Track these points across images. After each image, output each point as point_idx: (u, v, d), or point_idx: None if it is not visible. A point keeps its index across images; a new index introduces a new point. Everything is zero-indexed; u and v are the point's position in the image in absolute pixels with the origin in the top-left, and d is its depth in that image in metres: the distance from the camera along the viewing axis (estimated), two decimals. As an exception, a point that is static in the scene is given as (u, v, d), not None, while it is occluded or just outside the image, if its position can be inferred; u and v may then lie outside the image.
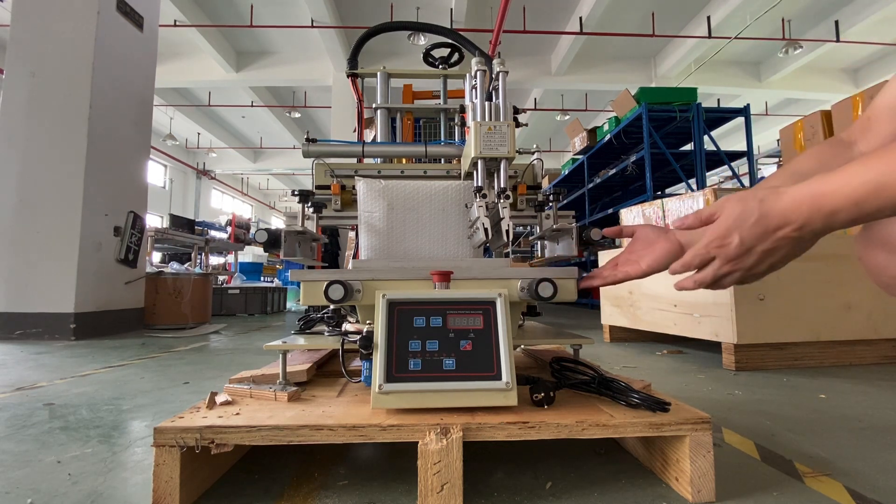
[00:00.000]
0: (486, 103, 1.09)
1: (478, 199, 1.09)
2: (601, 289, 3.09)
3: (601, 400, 0.93)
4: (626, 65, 9.87)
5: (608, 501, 0.80)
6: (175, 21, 7.78)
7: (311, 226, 1.33)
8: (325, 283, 0.89)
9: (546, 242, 1.41)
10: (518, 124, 1.27)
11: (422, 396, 0.81)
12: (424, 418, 0.79)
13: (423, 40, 8.03)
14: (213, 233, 8.16)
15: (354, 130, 2.09)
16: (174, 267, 4.87)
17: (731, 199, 0.62)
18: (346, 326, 1.23)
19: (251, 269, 8.83)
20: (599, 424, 0.80)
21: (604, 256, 3.09)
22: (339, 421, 0.79)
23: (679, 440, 0.81)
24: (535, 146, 1.51)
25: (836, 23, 8.21)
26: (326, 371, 1.24)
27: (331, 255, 4.06)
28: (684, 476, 0.80)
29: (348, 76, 1.73)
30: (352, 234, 2.29)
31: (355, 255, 1.55)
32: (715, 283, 0.68)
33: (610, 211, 6.13)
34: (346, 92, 9.04)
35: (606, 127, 5.98)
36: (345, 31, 8.56)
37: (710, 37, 8.04)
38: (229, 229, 8.44)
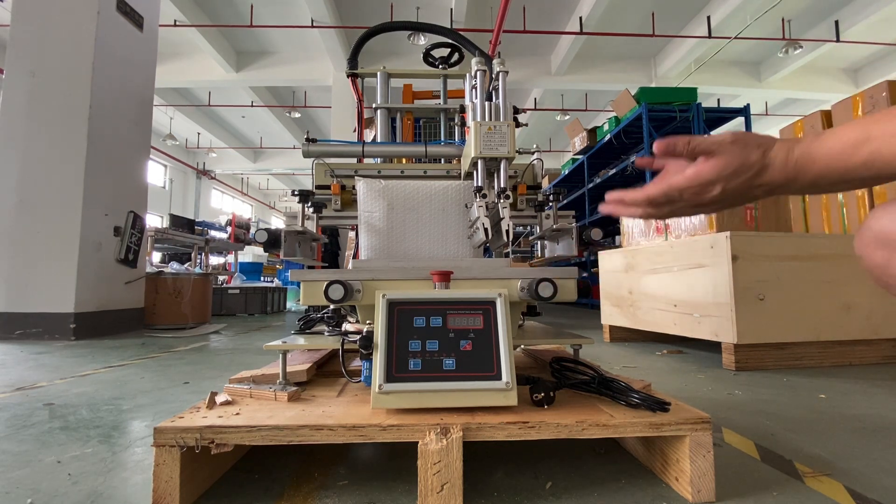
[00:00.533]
0: (486, 103, 1.09)
1: (478, 199, 1.09)
2: (601, 289, 3.08)
3: (601, 400, 0.93)
4: (626, 65, 9.86)
5: (608, 501, 0.80)
6: (175, 21, 7.78)
7: (311, 226, 1.33)
8: (325, 283, 0.89)
9: (546, 242, 1.41)
10: (518, 124, 1.27)
11: (422, 396, 0.81)
12: (424, 418, 0.79)
13: (423, 40, 8.03)
14: (213, 233, 8.16)
15: (354, 130, 2.09)
16: (174, 267, 4.87)
17: (737, 142, 0.54)
18: (346, 326, 1.23)
19: (251, 269, 8.83)
20: (599, 424, 0.80)
21: (604, 256, 3.09)
22: (339, 421, 0.79)
23: (679, 440, 0.81)
24: (535, 146, 1.51)
25: (836, 23, 8.21)
26: (326, 371, 1.24)
27: (331, 255, 4.06)
28: (684, 476, 0.80)
29: (348, 76, 1.73)
30: (352, 234, 2.29)
31: (355, 255, 1.55)
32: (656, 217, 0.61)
33: (610, 211, 6.12)
34: (346, 92, 9.04)
35: (606, 127, 5.98)
36: (345, 31, 8.56)
37: (710, 37, 8.04)
38: (229, 229, 8.44)
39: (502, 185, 1.06)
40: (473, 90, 1.17)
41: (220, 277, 6.69)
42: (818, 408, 1.40)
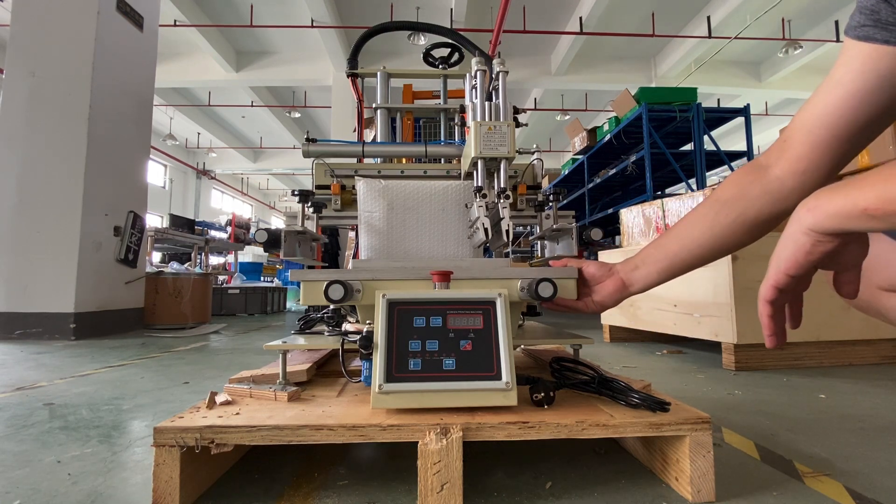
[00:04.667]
0: (486, 103, 1.09)
1: (478, 199, 1.09)
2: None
3: (601, 400, 0.93)
4: (626, 65, 9.87)
5: (608, 501, 0.80)
6: (175, 21, 7.78)
7: (311, 226, 1.33)
8: (325, 283, 0.89)
9: (546, 242, 1.41)
10: (518, 124, 1.27)
11: (422, 396, 0.81)
12: (424, 418, 0.79)
13: (423, 40, 8.03)
14: (213, 233, 8.17)
15: (354, 130, 2.09)
16: (174, 267, 4.87)
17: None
18: (346, 326, 1.23)
19: (251, 269, 8.82)
20: (599, 424, 0.80)
21: (603, 256, 3.09)
22: (339, 421, 0.79)
23: (679, 440, 0.81)
24: (535, 146, 1.51)
25: (836, 23, 8.22)
26: (326, 371, 1.24)
27: (331, 255, 4.06)
28: (684, 476, 0.80)
29: (348, 76, 1.73)
30: (352, 234, 2.29)
31: (355, 255, 1.55)
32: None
33: (610, 211, 6.13)
34: (346, 92, 9.04)
35: (606, 127, 5.98)
36: (345, 31, 8.56)
37: (710, 37, 8.04)
38: (229, 229, 8.45)
39: (502, 185, 1.06)
40: (473, 90, 1.17)
41: (220, 277, 6.69)
42: (818, 408, 1.40)
